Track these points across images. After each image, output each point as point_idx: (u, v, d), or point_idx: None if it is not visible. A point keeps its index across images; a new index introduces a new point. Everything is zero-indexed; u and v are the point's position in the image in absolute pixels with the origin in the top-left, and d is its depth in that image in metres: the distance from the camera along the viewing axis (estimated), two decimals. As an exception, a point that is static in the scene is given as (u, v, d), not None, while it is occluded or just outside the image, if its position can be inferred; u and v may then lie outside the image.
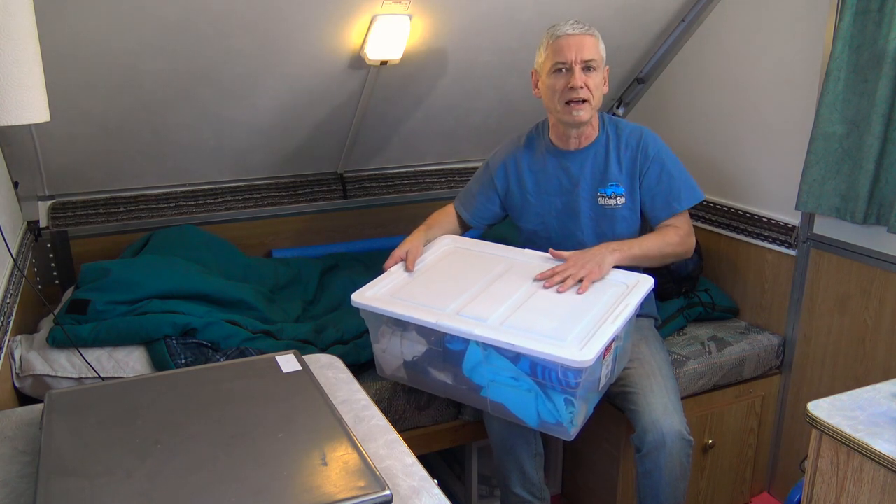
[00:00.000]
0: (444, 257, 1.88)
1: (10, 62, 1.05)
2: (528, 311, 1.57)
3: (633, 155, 1.87)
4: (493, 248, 1.89)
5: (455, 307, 1.59)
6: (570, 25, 1.78)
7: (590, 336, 1.45)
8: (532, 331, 1.48)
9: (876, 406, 1.26)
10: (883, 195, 1.85)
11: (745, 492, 2.27)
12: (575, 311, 1.56)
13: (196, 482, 0.93)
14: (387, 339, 1.71)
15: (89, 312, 1.76)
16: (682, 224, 1.86)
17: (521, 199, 1.97)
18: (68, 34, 1.68)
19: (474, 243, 1.94)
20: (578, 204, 1.90)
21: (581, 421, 1.57)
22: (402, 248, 1.84)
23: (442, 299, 1.62)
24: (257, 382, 1.20)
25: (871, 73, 1.83)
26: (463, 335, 1.51)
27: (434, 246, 1.92)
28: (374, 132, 2.46)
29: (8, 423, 1.19)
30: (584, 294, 1.63)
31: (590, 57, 1.77)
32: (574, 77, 1.76)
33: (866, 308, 1.99)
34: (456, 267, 1.81)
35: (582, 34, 1.77)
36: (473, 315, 1.55)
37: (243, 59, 1.94)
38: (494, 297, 1.63)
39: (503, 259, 1.83)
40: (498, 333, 1.48)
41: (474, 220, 2.03)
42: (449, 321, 1.53)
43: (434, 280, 1.75)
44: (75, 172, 2.16)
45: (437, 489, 1.03)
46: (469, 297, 1.64)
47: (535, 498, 1.86)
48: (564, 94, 1.79)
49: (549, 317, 1.54)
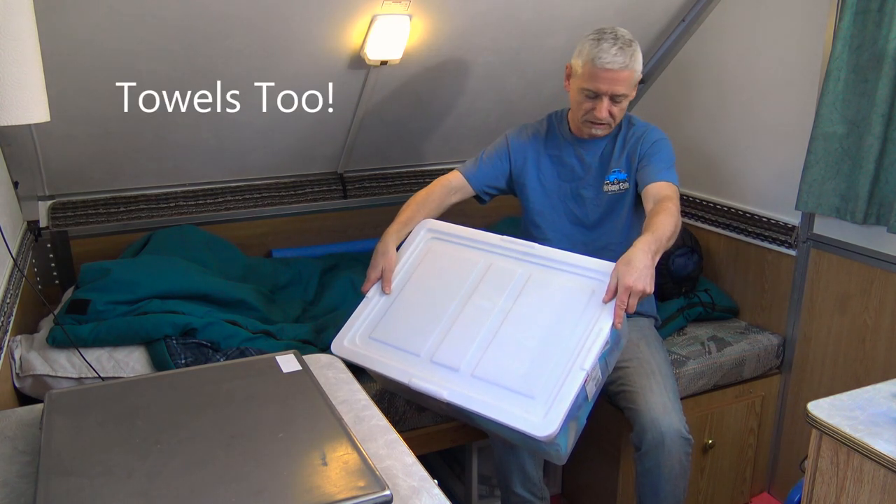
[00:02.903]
0: (421, 260, 1.81)
1: (10, 62, 1.05)
2: (498, 351, 1.53)
3: (636, 140, 1.90)
4: (470, 238, 1.80)
5: (429, 349, 1.59)
6: (614, 54, 1.73)
7: (557, 388, 1.42)
8: (500, 384, 1.47)
9: (876, 406, 1.26)
10: (883, 195, 1.85)
11: (745, 492, 2.27)
12: (547, 343, 1.50)
13: (196, 482, 0.93)
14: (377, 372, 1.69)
15: (89, 312, 1.75)
16: (673, 195, 1.78)
17: (535, 182, 1.98)
18: (68, 34, 1.68)
19: (451, 231, 1.84)
20: (587, 190, 1.94)
21: (573, 441, 1.56)
22: (375, 267, 1.77)
23: (418, 336, 1.62)
24: (257, 382, 1.20)
25: (871, 73, 1.83)
26: (434, 395, 1.51)
27: (410, 243, 1.85)
28: (374, 132, 2.46)
29: (8, 423, 1.19)
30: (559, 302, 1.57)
31: (622, 93, 1.78)
32: (601, 108, 1.79)
33: (866, 308, 1.99)
34: (432, 278, 1.75)
35: (621, 70, 1.74)
36: (445, 362, 1.55)
37: (243, 59, 1.94)
38: (468, 325, 1.60)
39: (481, 257, 1.74)
40: (467, 391, 1.48)
41: (475, 180, 1.99)
42: (421, 378, 1.54)
43: (410, 304, 1.71)
44: (75, 172, 2.16)
45: (437, 489, 1.03)
46: (444, 328, 1.62)
47: (536, 497, 1.86)
48: (588, 115, 1.83)
49: (518, 359, 1.50)
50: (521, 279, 1.65)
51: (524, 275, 1.66)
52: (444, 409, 1.66)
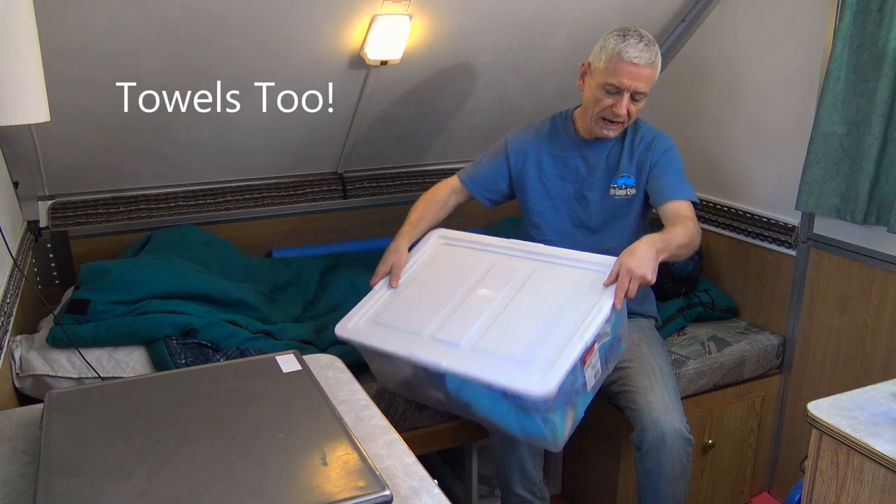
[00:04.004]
0: (429, 261, 1.85)
1: (10, 62, 1.05)
2: (500, 329, 1.56)
3: (646, 147, 1.89)
4: (479, 242, 1.85)
5: (432, 329, 1.61)
6: (640, 49, 1.74)
7: (559, 351, 1.44)
8: (500, 355, 1.49)
9: (876, 406, 1.26)
10: (883, 195, 1.86)
11: (745, 492, 2.28)
12: (551, 317, 1.53)
13: (196, 482, 0.92)
14: (378, 362, 1.75)
15: (89, 312, 1.75)
16: (693, 214, 1.81)
17: (536, 182, 1.97)
18: (68, 34, 1.68)
19: (461, 238, 1.89)
20: (591, 192, 1.93)
21: (569, 428, 1.56)
22: (385, 261, 1.82)
23: (421, 319, 1.65)
24: (257, 382, 1.20)
25: (871, 73, 1.83)
26: (432, 367, 1.53)
27: (421, 247, 1.89)
28: (374, 132, 2.46)
29: (8, 423, 1.19)
30: (561, 292, 1.60)
31: (643, 90, 1.78)
32: (620, 105, 1.78)
33: (866, 308, 1.99)
34: (439, 274, 1.80)
35: (646, 66, 1.75)
36: (447, 339, 1.57)
37: (243, 59, 1.94)
38: (471, 310, 1.63)
39: (487, 257, 1.79)
40: (466, 362, 1.50)
41: (475, 187, 2.01)
42: (421, 351, 1.56)
43: (416, 295, 1.75)
44: (75, 172, 2.16)
45: (437, 489, 1.03)
46: (447, 312, 1.65)
47: (536, 497, 1.86)
48: (605, 111, 1.81)
49: (523, 330, 1.53)
50: (525, 273, 1.70)
51: (528, 269, 1.70)
52: (443, 403, 1.67)
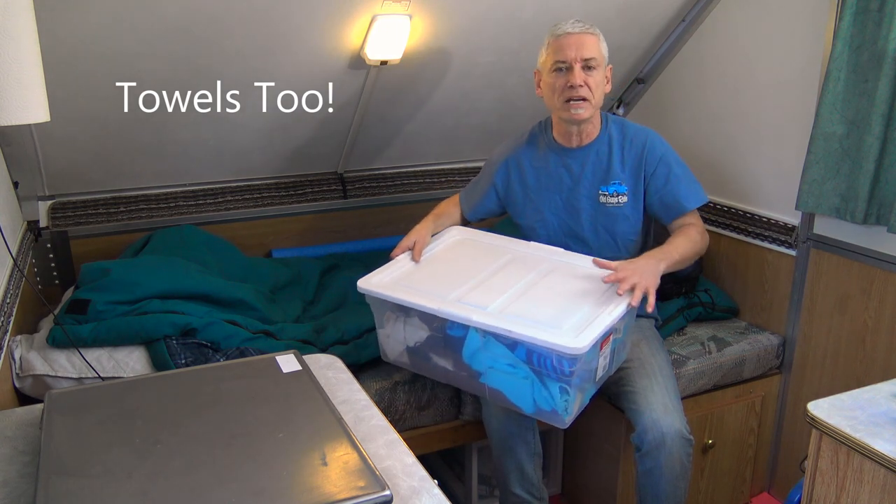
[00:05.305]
0: (451, 248, 1.92)
1: (10, 62, 1.05)
2: (528, 301, 1.62)
3: (638, 154, 1.87)
4: (500, 239, 1.93)
5: (457, 295, 1.65)
6: (571, 24, 1.80)
7: (586, 324, 1.50)
8: (530, 319, 1.53)
9: (876, 406, 1.26)
10: (883, 195, 1.85)
11: (745, 492, 2.27)
12: (574, 301, 1.60)
13: (196, 482, 0.93)
14: (391, 324, 1.75)
15: (89, 312, 1.75)
16: (698, 221, 1.88)
17: (522, 196, 1.98)
18: (68, 34, 1.68)
19: (482, 234, 1.97)
20: (579, 202, 1.91)
21: (576, 410, 1.60)
22: (409, 237, 1.87)
23: (445, 287, 1.68)
24: (257, 382, 1.20)
25: (871, 73, 1.83)
26: (462, 321, 1.57)
27: (442, 237, 1.96)
28: (374, 132, 2.46)
29: (8, 423, 1.19)
30: (583, 285, 1.67)
31: (590, 55, 1.78)
32: (574, 75, 1.77)
33: (866, 308, 1.99)
34: (462, 257, 1.86)
35: (582, 33, 1.79)
36: (474, 303, 1.61)
37: (243, 59, 1.94)
38: (496, 286, 1.68)
39: (509, 250, 1.86)
40: (496, 320, 1.53)
41: (471, 213, 2.07)
42: (449, 307, 1.59)
43: (439, 269, 1.79)
44: (75, 172, 2.16)
45: (437, 489, 1.03)
46: (472, 285, 1.69)
47: (534, 498, 1.86)
48: (564, 92, 1.80)
49: (548, 306, 1.58)
50: (548, 266, 1.77)
51: (550, 265, 1.78)
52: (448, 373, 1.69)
